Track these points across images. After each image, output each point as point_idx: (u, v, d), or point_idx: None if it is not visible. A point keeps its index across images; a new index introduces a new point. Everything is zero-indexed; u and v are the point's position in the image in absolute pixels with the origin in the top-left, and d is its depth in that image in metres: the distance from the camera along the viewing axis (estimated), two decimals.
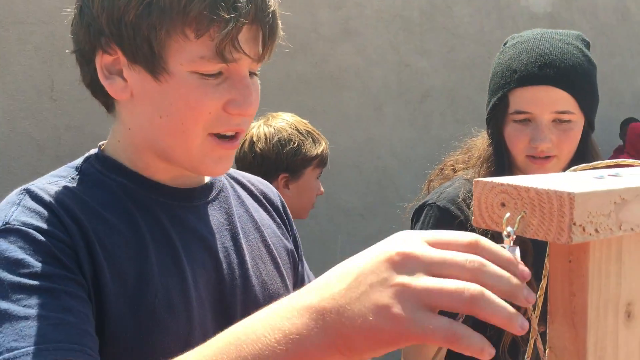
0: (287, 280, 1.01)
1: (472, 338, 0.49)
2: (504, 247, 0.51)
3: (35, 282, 0.72)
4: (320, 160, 1.87)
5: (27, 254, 0.73)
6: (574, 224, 0.48)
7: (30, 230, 0.75)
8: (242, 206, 1.00)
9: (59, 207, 0.79)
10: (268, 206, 1.06)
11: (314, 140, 1.85)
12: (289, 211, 1.11)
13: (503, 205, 0.52)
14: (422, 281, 0.49)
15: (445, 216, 1.29)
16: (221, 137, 0.86)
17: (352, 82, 4.45)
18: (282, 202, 1.10)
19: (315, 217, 4.23)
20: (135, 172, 0.89)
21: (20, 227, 0.75)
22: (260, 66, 0.88)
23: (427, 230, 1.31)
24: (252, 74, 0.87)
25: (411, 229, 1.37)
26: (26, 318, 0.69)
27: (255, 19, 0.81)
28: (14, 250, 0.73)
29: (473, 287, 0.48)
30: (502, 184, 0.53)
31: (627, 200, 0.52)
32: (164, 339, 0.81)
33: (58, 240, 0.76)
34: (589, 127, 1.32)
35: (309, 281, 1.08)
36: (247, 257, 0.95)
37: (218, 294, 0.90)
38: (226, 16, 0.78)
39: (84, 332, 0.73)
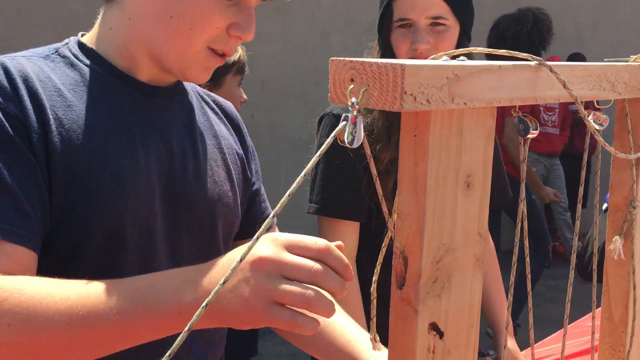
0: (237, 188, 1.09)
1: (308, 323, 0.66)
2: (348, 117, 0.56)
3: None
4: (239, 67, 1.92)
5: None
6: (405, 92, 0.53)
7: None
8: (204, 115, 1.08)
9: (21, 83, 0.84)
10: (227, 122, 1.14)
11: None
12: (246, 132, 1.19)
13: (352, 80, 0.58)
14: (274, 283, 0.64)
15: (339, 122, 1.40)
16: (214, 52, 0.94)
17: (299, 10, 4.41)
18: (241, 121, 1.19)
19: (260, 147, 4.25)
20: (109, 63, 0.95)
21: None
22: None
23: (323, 138, 1.41)
24: None
25: (315, 136, 1.53)
26: None
27: None
28: None
29: (309, 292, 0.64)
30: (351, 61, 0.58)
31: (460, 77, 0.57)
32: (113, 209, 0.88)
33: (12, 117, 0.81)
34: (464, 35, 1.47)
35: (264, 200, 1.20)
36: (201, 157, 1.02)
37: (169, 183, 0.96)
38: None
39: (24, 215, 0.78)
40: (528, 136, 0.70)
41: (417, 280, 0.63)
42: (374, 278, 0.72)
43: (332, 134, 0.55)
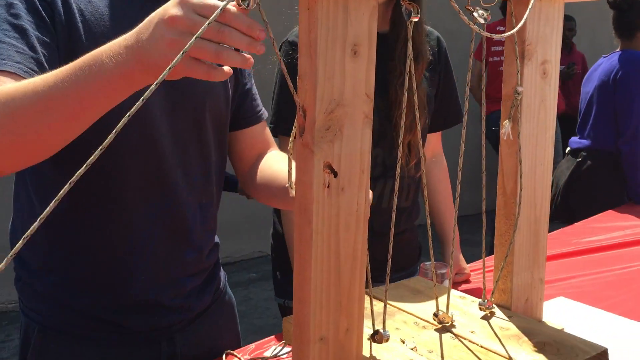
0: (228, 84, 1.30)
1: (219, 72, 0.78)
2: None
3: (17, 22, 1.01)
4: None
5: (18, 1, 1.03)
6: None
7: None
8: None
9: None
10: None
11: None
12: None
13: None
14: (187, 40, 0.73)
15: (293, 47, 1.59)
16: None
17: None
18: None
19: None
20: None
21: None
22: None
23: (284, 60, 1.57)
24: None
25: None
26: (2, 42, 0.99)
27: None
28: None
29: (219, 47, 0.75)
30: None
31: None
32: None
33: (42, 0, 1.05)
34: None
35: (255, 99, 1.39)
36: None
37: None
38: None
39: (41, 65, 1.01)
40: (411, 19, 0.86)
41: (312, 127, 0.79)
42: (290, 137, 0.88)
43: None
